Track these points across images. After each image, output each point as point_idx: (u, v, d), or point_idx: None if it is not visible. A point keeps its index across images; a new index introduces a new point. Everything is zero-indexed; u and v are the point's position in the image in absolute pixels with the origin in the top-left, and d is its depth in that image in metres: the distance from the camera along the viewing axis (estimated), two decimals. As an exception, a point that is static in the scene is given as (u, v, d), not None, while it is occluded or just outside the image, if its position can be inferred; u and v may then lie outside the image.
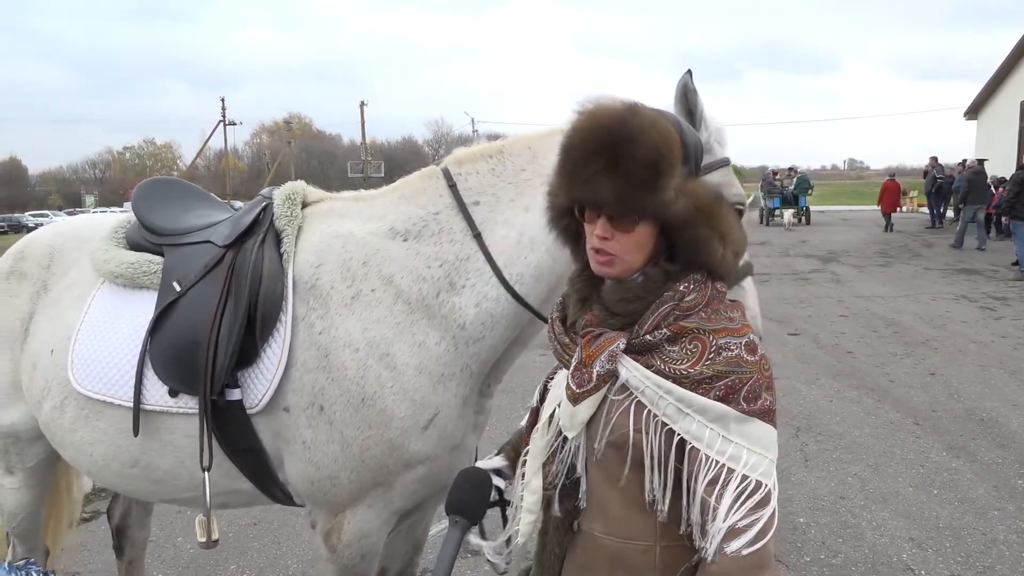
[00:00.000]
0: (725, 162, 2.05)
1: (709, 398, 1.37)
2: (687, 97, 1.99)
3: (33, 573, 1.13)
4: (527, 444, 1.67)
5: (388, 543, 2.53)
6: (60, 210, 60.00)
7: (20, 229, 46.40)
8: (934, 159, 24.11)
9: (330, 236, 2.26)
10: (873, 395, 6.69)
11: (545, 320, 2.14)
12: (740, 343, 1.41)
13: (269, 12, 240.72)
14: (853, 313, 10.40)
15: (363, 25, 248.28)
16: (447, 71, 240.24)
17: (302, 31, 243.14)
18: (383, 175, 51.13)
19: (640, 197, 1.39)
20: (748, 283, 2.00)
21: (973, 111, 30.89)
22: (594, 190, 1.41)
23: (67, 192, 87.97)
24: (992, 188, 20.70)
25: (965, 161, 26.30)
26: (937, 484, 4.83)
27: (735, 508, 1.34)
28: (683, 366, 1.39)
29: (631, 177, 1.38)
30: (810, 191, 28.46)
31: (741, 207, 1.96)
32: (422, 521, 2.66)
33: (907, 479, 4.91)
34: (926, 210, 31.26)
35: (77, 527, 4.51)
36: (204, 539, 2.28)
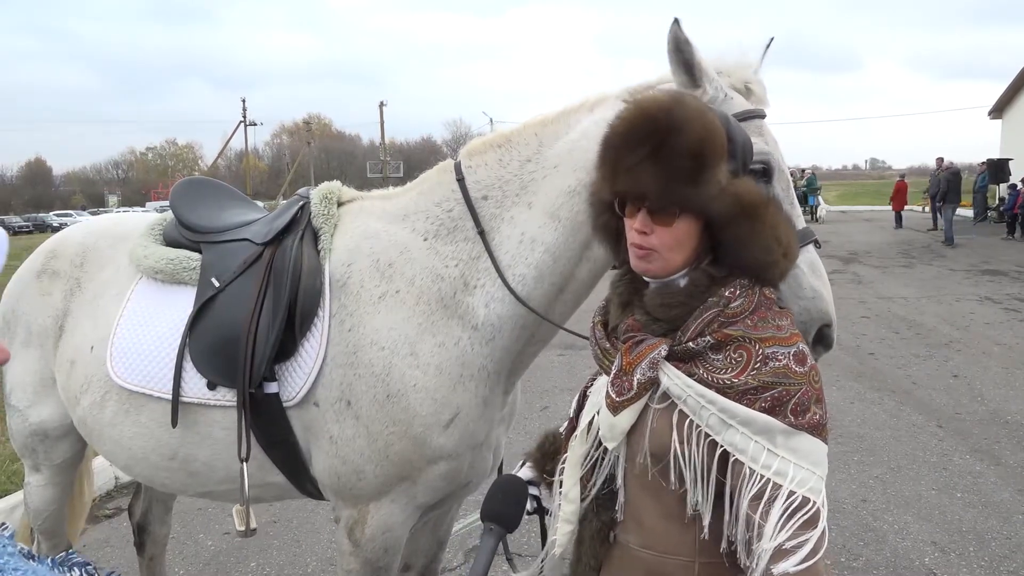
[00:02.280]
0: (751, 114, 1.86)
1: (754, 409, 1.31)
2: (681, 50, 1.83)
3: (76, 568, 1.14)
4: (565, 451, 1.63)
5: (412, 539, 2.54)
6: (84, 210, 60.73)
7: (45, 229, 47.05)
8: (940, 160, 23.97)
9: (359, 236, 2.29)
10: (895, 397, 6.62)
11: (550, 321, 2.13)
12: (788, 353, 1.35)
13: (289, 13, 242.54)
14: (875, 314, 10.30)
15: (382, 26, 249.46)
16: (467, 72, 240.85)
17: (322, 32, 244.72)
18: (402, 175, 51.25)
19: (682, 189, 1.35)
20: (809, 253, 1.80)
21: (998, 110, 30.54)
22: (636, 180, 1.37)
23: (90, 192, 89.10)
24: (1018, 186, 20.56)
25: (988, 160, 26.05)
26: (960, 487, 4.77)
27: (782, 526, 1.27)
28: (727, 375, 1.34)
29: (674, 167, 1.34)
30: (818, 191, 30.57)
31: (762, 165, 1.79)
32: (446, 517, 2.67)
33: (930, 482, 4.86)
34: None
35: (96, 524, 4.58)
36: (243, 528, 2.33)
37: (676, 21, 1.80)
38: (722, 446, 1.34)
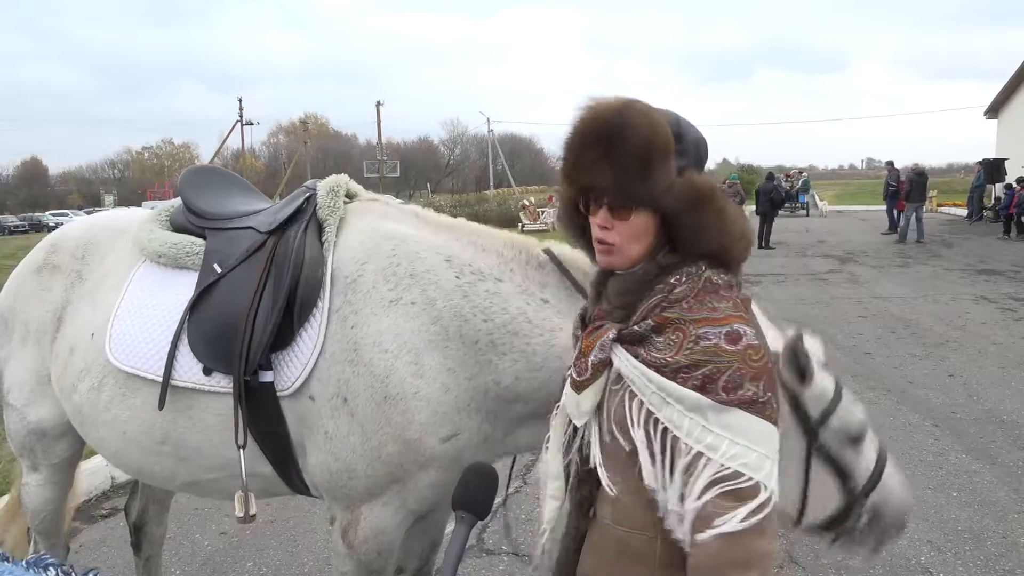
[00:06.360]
0: (839, 394, 1.78)
1: (687, 387, 1.39)
2: (798, 360, 1.69)
3: (51, 569, 1.14)
4: (549, 431, 1.71)
5: (405, 541, 2.55)
6: (80, 209, 60.52)
7: (41, 228, 46.91)
8: (890, 163, 24.22)
9: (380, 236, 2.29)
10: (891, 396, 6.63)
11: None
12: (719, 332, 1.42)
13: (285, 14, 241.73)
14: (871, 314, 10.31)
15: (377, 26, 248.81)
16: (461, 71, 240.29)
17: (318, 32, 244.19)
18: (399, 174, 51.12)
19: (634, 184, 1.46)
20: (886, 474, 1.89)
21: (993, 110, 30.62)
22: (592, 175, 1.49)
23: (87, 191, 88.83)
24: (1014, 186, 20.69)
25: (984, 160, 26.14)
26: (956, 487, 4.78)
27: (708, 494, 1.34)
28: (666, 355, 1.42)
29: (624, 165, 1.45)
30: (809, 190, 33.82)
31: (864, 429, 1.82)
32: (439, 520, 2.67)
33: (926, 481, 4.87)
34: (946, 210, 31.23)
35: (92, 524, 4.57)
36: (242, 513, 2.33)
37: (800, 336, 1.72)
38: (663, 423, 1.41)
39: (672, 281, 1.49)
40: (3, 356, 2.74)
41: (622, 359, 1.47)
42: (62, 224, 4.34)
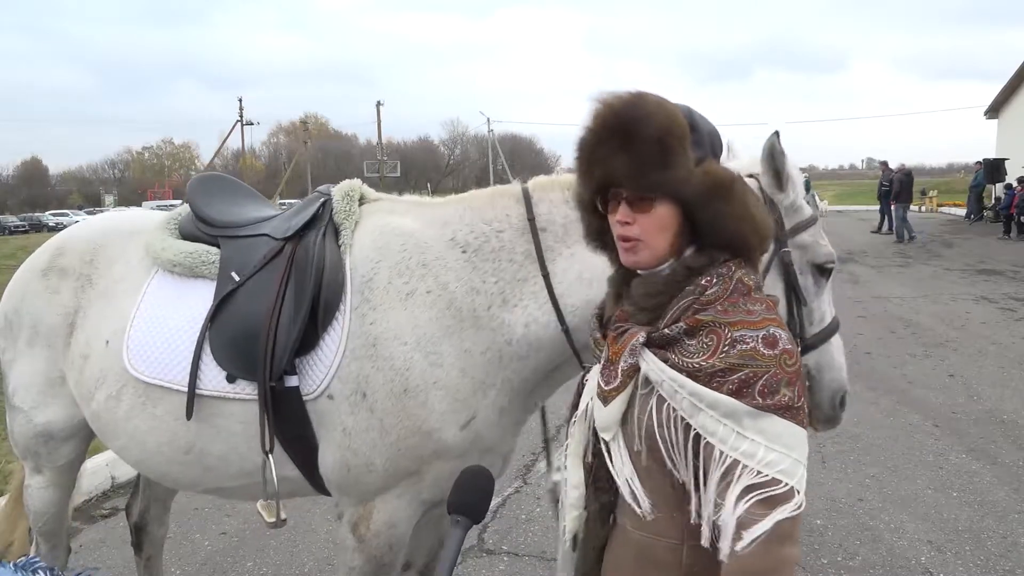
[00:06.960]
0: (814, 219, 2.07)
1: (722, 392, 1.35)
2: (774, 159, 1.98)
3: (40, 571, 1.14)
4: (568, 438, 1.68)
5: (414, 536, 2.56)
6: (80, 209, 60.50)
7: (41, 228, 46.93)
8: (884, 163, 24.23)
9: (390, 233, 2.32)
10: (891, 396, 6.63)
11: (580, 360, 2.17)
12: (757, 336, 1.38)
13: (284, 14, 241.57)
14: (871, 314, 10.31)
15: (376, 27, 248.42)
16: (460, 71, 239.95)
17: (318, 32, 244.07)
18: (399, 174, 51.10)
19: (653, 173, 1.43)
20: (835, 340, 2.12)
21: (993, 110, 30.65)
22: (609, 169, 1.47)
23: (87, 192, 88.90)
24: (1014, 186, 20.73)
25: (984, 160, 26.18)
26: (956, 487, 4.78)
27: (743, 502, 1.31)
28: (698, 359, 1.38)
29: (641, 154, 1.42)
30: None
31: (831, 265, 2.05)
32: (447, 514, 2.68)
33: (926, 481, 4.88)
34: (945, 210, 31.25)
35: (92, 524, 4.57)
36: (272, 519, 2.33)
37: (776, 133, 1.99)
38: (695, 429, 1.38)
39: (703, 283, 1.45)
40: (8, 358, 2.72)
41: (650, 364, 1.43)
42: (62, 224, 4.34)
